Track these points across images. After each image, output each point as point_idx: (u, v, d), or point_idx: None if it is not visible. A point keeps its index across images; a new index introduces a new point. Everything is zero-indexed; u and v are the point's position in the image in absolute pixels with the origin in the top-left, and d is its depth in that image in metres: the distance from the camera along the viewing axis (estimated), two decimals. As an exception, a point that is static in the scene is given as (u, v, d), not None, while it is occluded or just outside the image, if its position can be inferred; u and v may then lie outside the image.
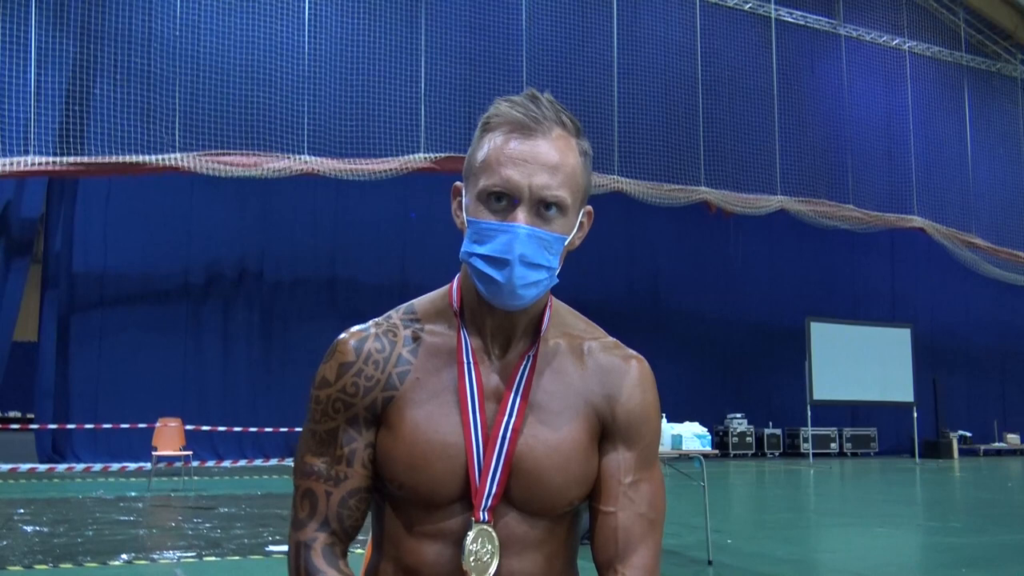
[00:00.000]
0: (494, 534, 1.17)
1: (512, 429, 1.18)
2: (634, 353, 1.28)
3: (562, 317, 1.28)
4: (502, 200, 1.14)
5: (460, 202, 1.21)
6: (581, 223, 1.22)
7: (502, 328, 1.22)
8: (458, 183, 1.22)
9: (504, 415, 1.19)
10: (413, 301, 1.29)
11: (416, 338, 1.24)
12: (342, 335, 1.25)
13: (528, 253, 1.13)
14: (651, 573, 1.21)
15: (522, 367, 1.21)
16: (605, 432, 1.23)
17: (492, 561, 1.16)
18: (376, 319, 1.27)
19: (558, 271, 1.19)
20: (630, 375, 1.24)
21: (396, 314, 1.27)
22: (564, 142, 1.16)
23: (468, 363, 1.21)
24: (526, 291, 1.15)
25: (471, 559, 1.16)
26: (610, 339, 1.29)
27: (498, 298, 1.16)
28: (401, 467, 1.18)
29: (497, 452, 1.17)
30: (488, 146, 1.16)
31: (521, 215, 1.13)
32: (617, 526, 1.20)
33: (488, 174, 1.15)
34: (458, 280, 1.26)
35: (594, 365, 1.24)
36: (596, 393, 1.23)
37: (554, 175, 1.14)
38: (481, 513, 1.17)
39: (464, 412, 1.19)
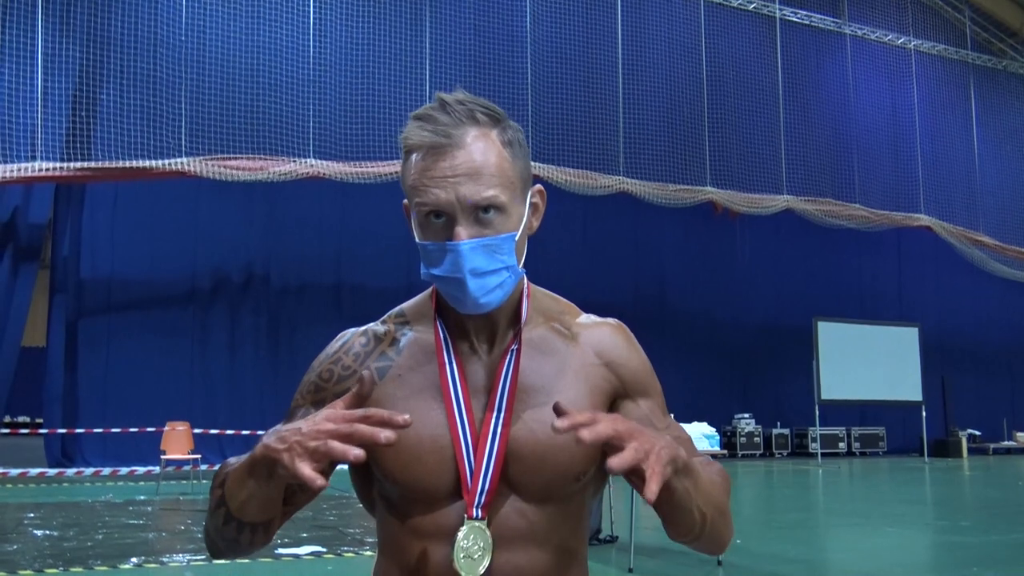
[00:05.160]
0: (487, 531, 1.16)
1: (503, 424, 1.18)
2: (612, 320, 1.31)
3: (540, 301, 1.29)
4: (440, 217, 1.14)
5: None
6: (534, 204, 1.22)
7: (483, 324, 1.22)
8: (406, 202, 1.21)
9: (492, 412, 1.18)
10: (404, 304, 1.31)
11: (403, 337, 1.26)
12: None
13: (478, 265, 1.13)
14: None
15: (507, 362, 1.21)
16: (617, 396, 1.24)
17: (484, 558, 1.15)
18: (374, 322, 1.30)
19: (522, 262, 1.20)
20: (619, 339, 1.27)
21: (389, 317, 1.30)
22: (482, 141, 1.14)
23: (449, 358, 1.21)
24: (490, 297, 1.16)
25: (461, 555, 1.15)
26: (587, 314, 1.31)
27: (466, 309, 1.17)
28: (392, 463, 1.17)
29: (488, 450, 1.17)
30: (410, 169, 1.16)
31: (461, 229, 1.12)
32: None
33: (418, 197, 1.15)
34: None
35: (583, 338, 1.25)
36: (594, 363, 1.23)
37: (479, 179, 1.12)
38: (474, 510, 1.16)
39: (449, 408, 1.18)
